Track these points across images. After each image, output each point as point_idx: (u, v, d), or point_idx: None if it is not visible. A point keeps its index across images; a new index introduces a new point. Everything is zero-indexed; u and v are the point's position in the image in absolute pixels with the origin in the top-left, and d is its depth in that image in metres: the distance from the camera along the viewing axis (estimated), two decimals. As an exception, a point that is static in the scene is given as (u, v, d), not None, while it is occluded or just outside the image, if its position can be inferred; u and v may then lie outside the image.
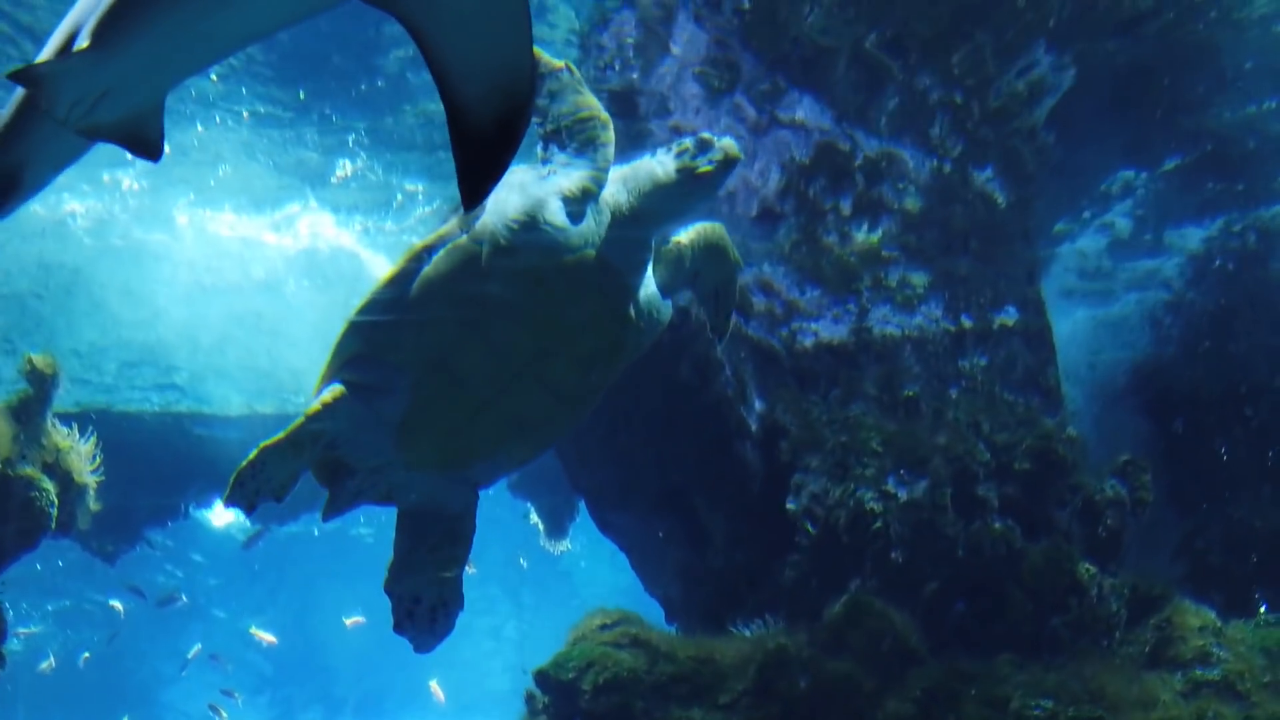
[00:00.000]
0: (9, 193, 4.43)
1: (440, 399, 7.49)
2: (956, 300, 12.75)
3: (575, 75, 7.37)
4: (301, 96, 13.57)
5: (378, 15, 3.66)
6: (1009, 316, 12.95)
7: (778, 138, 11.92)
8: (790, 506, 11.54)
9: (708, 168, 7.23)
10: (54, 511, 12.53)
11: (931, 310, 12.61)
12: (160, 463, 20.88)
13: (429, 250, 7.30)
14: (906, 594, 11.01)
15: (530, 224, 7.06)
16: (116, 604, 34.75)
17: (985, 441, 11.86)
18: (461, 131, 3.57)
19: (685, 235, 8.07)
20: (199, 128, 14.35)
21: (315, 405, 7.42)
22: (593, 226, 7.17)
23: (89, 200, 17.13)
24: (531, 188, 7.11)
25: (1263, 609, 13.42)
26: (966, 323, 12.72)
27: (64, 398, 13.34)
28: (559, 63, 7.40)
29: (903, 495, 11.29)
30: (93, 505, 13.64)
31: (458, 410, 7.56)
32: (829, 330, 12.33)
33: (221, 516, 31.76)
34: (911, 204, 12.49)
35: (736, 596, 12.02)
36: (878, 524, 11.11)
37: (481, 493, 8.25)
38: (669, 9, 11.30)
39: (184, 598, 30.64)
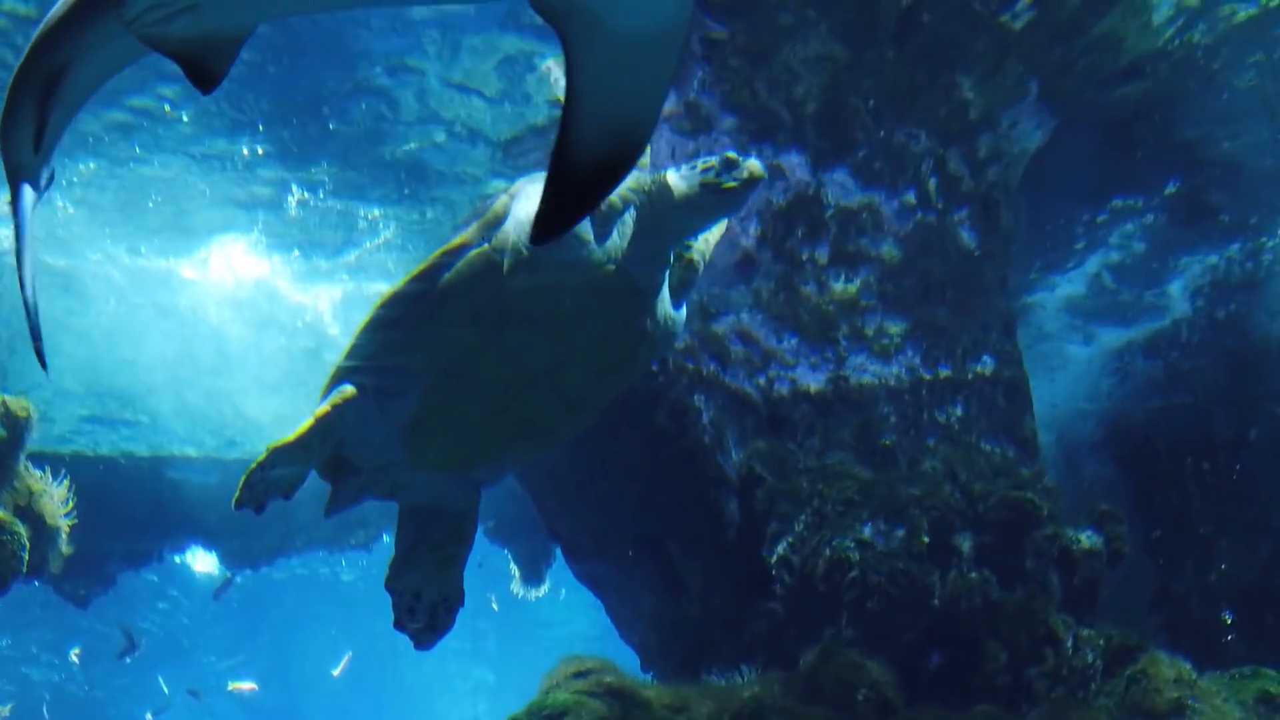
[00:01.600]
0: (47, 97, 4.14)
1: (452, 405, 7.45)
2: (934, 349, 12.80)
3: None
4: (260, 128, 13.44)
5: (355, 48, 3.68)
6: (986, 366, 13.00)
7: (755, 186, 12.01)
8: (766, 555, 11.51)
9: (732, 184, 7.20)
10: (25, 555, 12.43)
11: (909, 359, 12.65)
12: (133, 506, 20.76)
13: (449, 256, 7.25)
14: (882, 643, 10.97)
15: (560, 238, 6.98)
16: (75, 655, 34.43)
17: (962, 491, 11.87)
18: (563, 165, 3.58)
19: (701, 240, 8.05)
20: (137, 149, 14.09)
21: (325, 406, 7.36)
22: (615, 240, 7.12)
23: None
24: None
25: (1237, 662, 13.39)
26: (943, 372, 12.76)
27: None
28: None
29: (879, 544, 11.28)
30: (65, 549, 13.54)
31: (468, 416, 7.53)
32: (806, 378, 12.35)
33: (200, 561, 31.49)
34: (889, 253, 12.55)
35: (712, 644, 11.97)
36: (854, 573, 11.09)
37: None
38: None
39: (139, 643, 30.21)
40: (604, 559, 13.69)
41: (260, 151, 13.81)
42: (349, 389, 7.43)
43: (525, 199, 7.09)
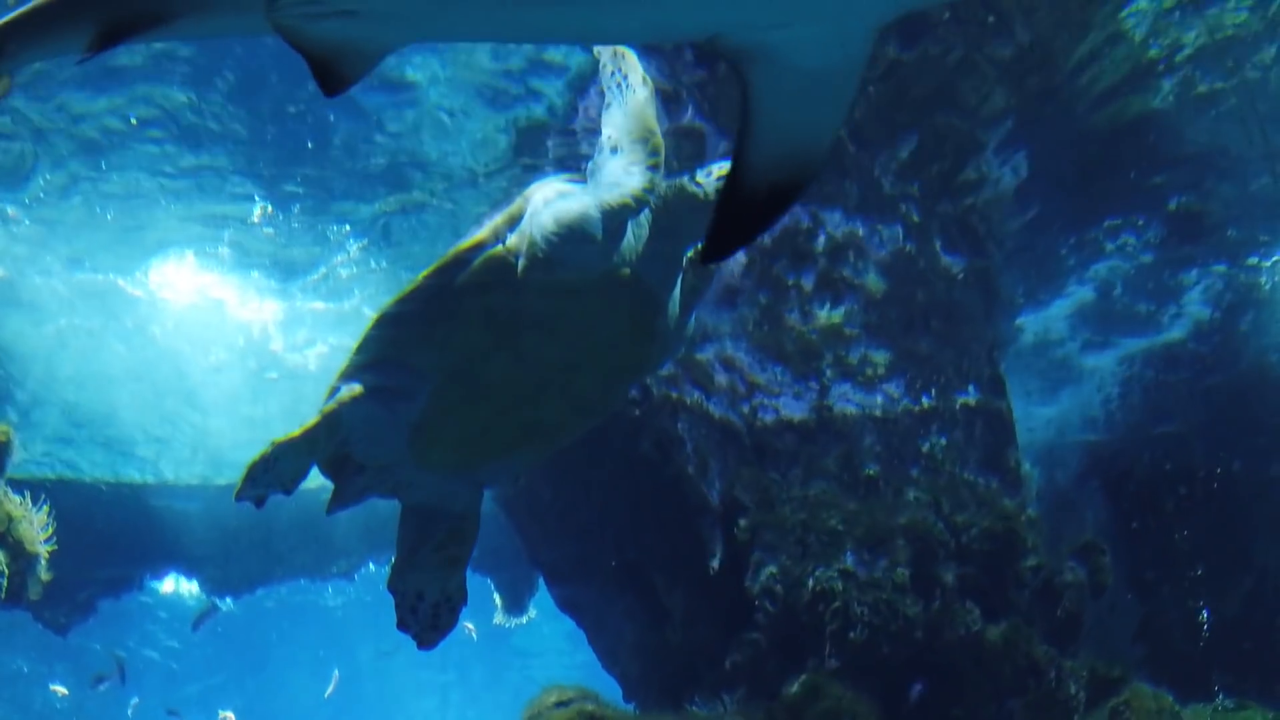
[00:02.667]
0: (142, 29, 3.80)
1: (460, 406, 7.39)
2: (917, 379, 12.81)
3: (650, 95, 7.29)
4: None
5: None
6: (969, 396, 13.02)
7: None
8: (749, 584, 11.48)
9: None
10: (4, 581, 12.33)
11: (892, 389, 12.66)
12: (114, 533, 20.63)
13: (465, 254, 7.19)
14: (865, 674, 10.93)
15: (571, 237, 6.90)
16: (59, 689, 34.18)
17: (945, 521, 11.86)
18: (735, 189, 3.61)
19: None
20: (103, 165, 13.81)
21: (332, 404, 7.30)
22: (631, 243, 7.07)
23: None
24: (573, 199, 7.02)
25: (1220, 695, 13.40)
26: (927, 402, 12.77)
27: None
28: (646, 78, 7.31)
29: (862, 574, 11.26)
30: (44, 575, 13.44)
31: (476, 417, 7.47)
32: (790, 408, 12.35)
33: (181, 589, 31.29)
34: (873, 283, 12.58)
35: (694, 674, 11.93)
36: (837, 603, 11.07)
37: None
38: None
39: (120, 669, 29.91)
40: (586, 587, 13.64)
41: (227, 165, 13.63)
42: (356, 386, 7.36)
43: (542, 199, 7.06)
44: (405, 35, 3.75)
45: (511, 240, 7.06)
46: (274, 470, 7.10)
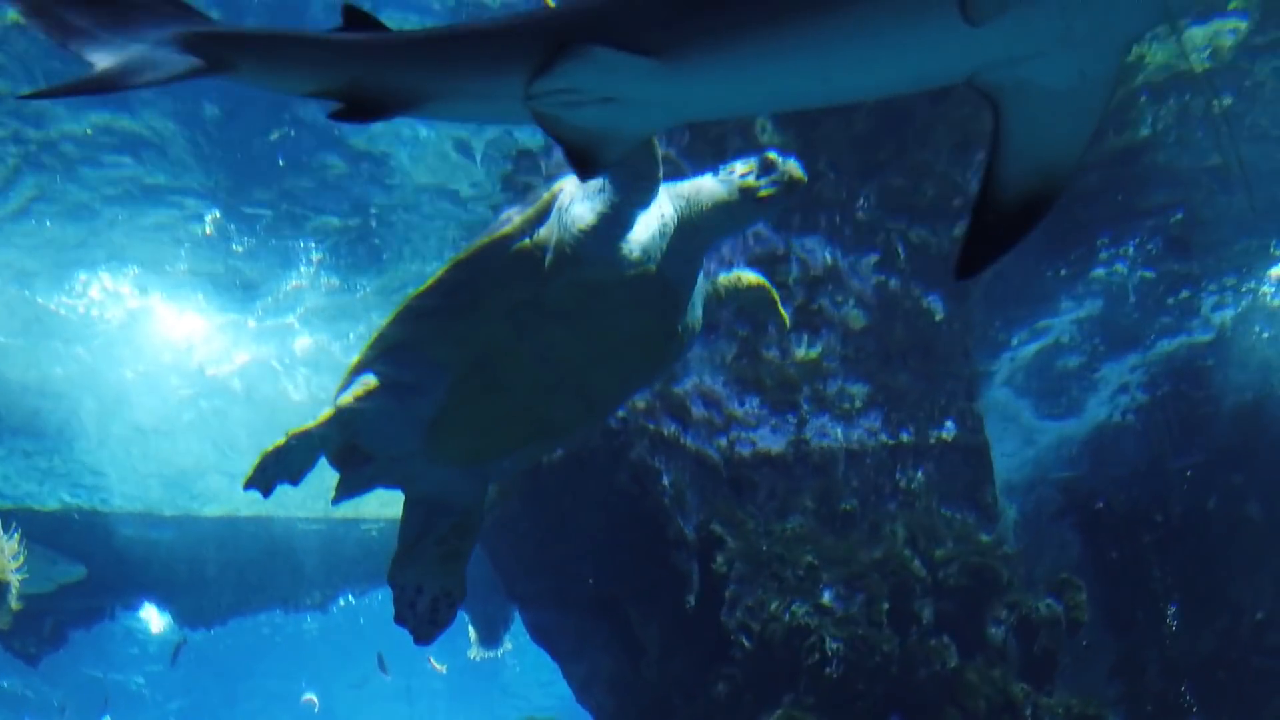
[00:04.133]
0: (399, 109, 3.95)
1: (477, 400, 7.35)
2: (895, 414, 12.82)
3: None
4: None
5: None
6: (947, 432, 13.03)
7: (718, 248, 12.02)
8: (725, 618, 11.43)
9: (770, 190, 7.13)
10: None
11: (870, 423, 12.66)
12: (86, 563, 20.44)
13: (490, 249, 7.13)
14: (841, 710, 10.88)
15: (600, 234, 6.88)
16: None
17: (922, 557, 11.85)
18: (986, 204, 3.69)
19: (727, 279, 8.03)
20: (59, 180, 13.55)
21: (347, 397, 7.25)
22: (657, 240, 7.03)
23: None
24: (599, 197, 6.99)
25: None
26: (905, 437, 12.78)
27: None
28: None
29: (838, 610, 11.23)
30: (14, 604, 13.30)
31: (492, 412, 7.44)
32: (767, 441, 12.34)
33: (154, 621, 31.04)
34: (852, 317, 12.59)
35: (670, 708, 11.86)
36: (813, 638, 11.03)
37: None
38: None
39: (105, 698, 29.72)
40: (562, 620, 13.56)
41: (172, 181, 13.42)
42: (372, 379, 7.33)
43: (569, 194, 7.02)
44: (663, 118, 3.80)
45: (540, 234, 7.00)
46: (285, 461, 7.11)
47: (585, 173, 3.94)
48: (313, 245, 14.81)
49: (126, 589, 21.61)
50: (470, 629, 21.45)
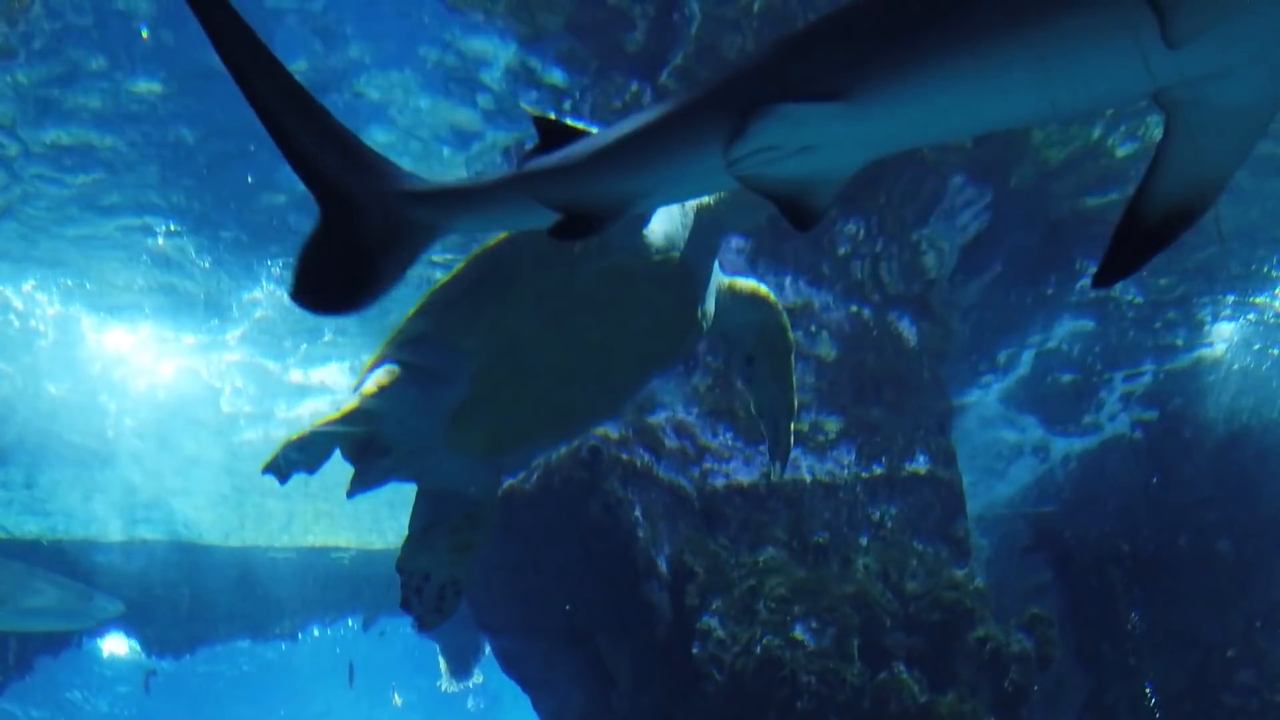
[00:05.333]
0: (605, 222, 4.09)
1: (500, 389, 7.30)
2: (868, 447, 12.83)
3: None
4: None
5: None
6: (920, 465, 13.04)
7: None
8: (697, 651, 11.38)
9: None
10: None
11: (843, 456, 12.66)
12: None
13: (518, 238, 7.10)
14: (811, 744, 10.84)
15: (627, 221, 6.92)
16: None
17: (894, 591, 11.83)
18: (1135, 215, 3.72)
19: (742, 282, 8.02)
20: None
21: (371, 386, 7.17)
22: (679, 229, 7.04)
23: None
24: None
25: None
26: (877, 470, 12.79)
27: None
28: None
29: (810, 643, 11.19)
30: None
31: (514, 400, 7.39)
32: (740, 473, 12.32)
33: (119, 647, 30.71)
34: (825, 350, 12.62)
35: (639, 742, 11.78)
36: (784, 671, 10.99)
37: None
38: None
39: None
40: (533, 652, 13.47)
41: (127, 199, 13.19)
42: (394, 369, 7.26)
43: None
44: (862, 155, 3.80)
45: None
46: (306, 451, 7.10)
47: (801, 224, 3.92)
48: (279, 263, 14.56)
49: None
50: (441, 660, 21.31)
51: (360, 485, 7.87)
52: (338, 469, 7.55)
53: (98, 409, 18.73)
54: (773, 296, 7.99)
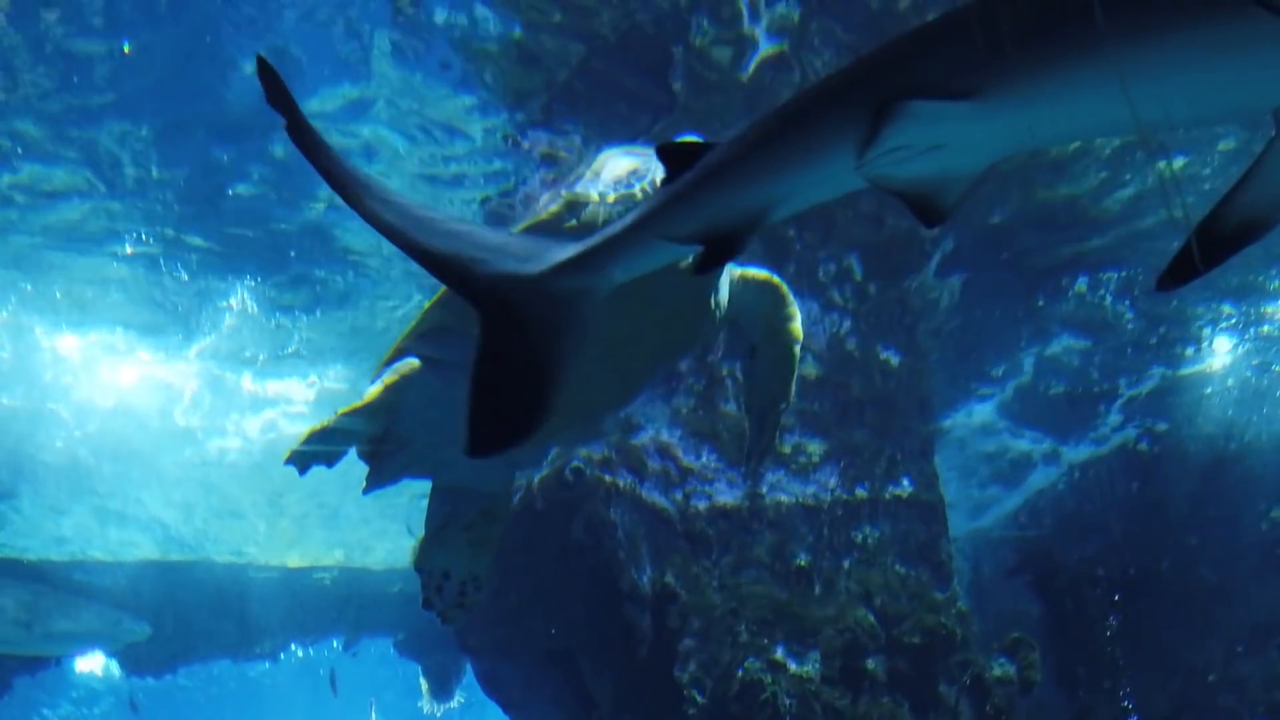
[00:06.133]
0: (743, 239, 3.99)
1: None
2: (851, 470, 12.82)
3: None
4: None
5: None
6: (903, 488, 13.04)
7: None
8: (679, 673, 11.34)
9: None
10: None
11: (826, 479, 12.65)
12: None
13: (536, 231, 7.09)
14: (793, 768, 10.81)
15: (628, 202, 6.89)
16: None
17: (876, 613, 11.82)
18: (1212, 224, 3.75)
19: (751, 271, 7.98)
20: None
21: (392, 376, 7.28)
22: None
23: None
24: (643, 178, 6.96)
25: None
26: (861, 493, 12.77)
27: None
28: None
29: (792, 666, 11.17)
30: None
31: None
32: (723, 495, 12.30)
33: (96, 666, 30.50)
34: (809, 372, 12.61)
35: (620, 765, 11.74)
36: (766, 694, 10.95)
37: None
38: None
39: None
40: (514, 673, 13.44)
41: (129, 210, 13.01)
42: (415, 361, 7.35)
43: (611, 173, 7.05)
44: (991, 153, 3.76)
45: (585, 214, 7.04)
46: (326, 442, 7.21)
47: (930, 222, 3.90)
48: (252, 281, 14.43)
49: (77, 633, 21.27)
50: (422, 681, 21.22)
51: (376, 482, 7.90)
52: (327, 484, 7.54)
53: (50, 419, 18.58)
54: (784, 286, 7.90)
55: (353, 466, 7.97)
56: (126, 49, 9.92)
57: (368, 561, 22.98)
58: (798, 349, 8.05)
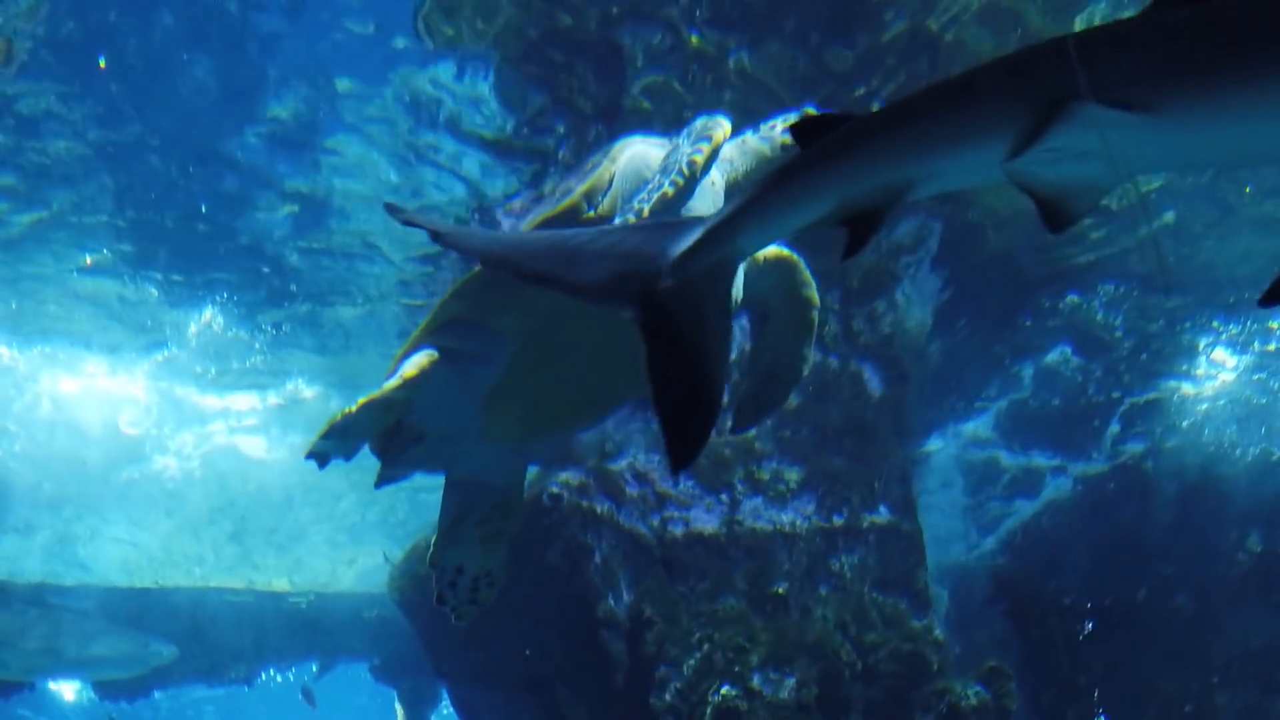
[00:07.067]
0: (881, 218, 3.82)
1: (537, 370, 7.34)
2: (829, 498, 12.82)
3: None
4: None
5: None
6: (880, 516, 13.04)
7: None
8: (655, 700, 11.32)
9: None
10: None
11: (804, 506, 12.65)
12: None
13: (557, 221, 7.06)
14: (768, 796, 10.78)
15: (662, 201, 6.73)
16: None
17: (852, 641, 11.81)
18: None
19: (767, 250, 7.90)
20: None
21: (411, 369, 7.24)
22: (710, 205, 6.95)
23: None
24: (659, 164, 6.92)
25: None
26: (838, 521, 12.78)
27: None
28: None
29: (768, 693, 11.14)
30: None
31: (549, 382, 7.43)
32: (701, 521, 12.29)
33: (68, 691, 30.29)
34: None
35: (596, 792, 11.69)
36: (742, 721, 10.93)
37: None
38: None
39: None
40: (490, 699, 13.39)
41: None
42: (433, 353, 7.32)
43: (629, 164, 7.03)
44: (1140, 168, 3.69)
45: (604, 205, 7.00)
46: (349, 433, 7.18)
47: (1057, 227, 3.79)
48: (224, 296, 14.35)
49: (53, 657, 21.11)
50: (398, 707, 21.11)
51: (389, 476, 7.90)
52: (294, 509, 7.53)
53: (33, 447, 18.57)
54: (796, 258, 7.79)
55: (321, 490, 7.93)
56: (102, 64, 9.93)
57: (340, 586, 22.92)
58: (815, 315, 7.89)
